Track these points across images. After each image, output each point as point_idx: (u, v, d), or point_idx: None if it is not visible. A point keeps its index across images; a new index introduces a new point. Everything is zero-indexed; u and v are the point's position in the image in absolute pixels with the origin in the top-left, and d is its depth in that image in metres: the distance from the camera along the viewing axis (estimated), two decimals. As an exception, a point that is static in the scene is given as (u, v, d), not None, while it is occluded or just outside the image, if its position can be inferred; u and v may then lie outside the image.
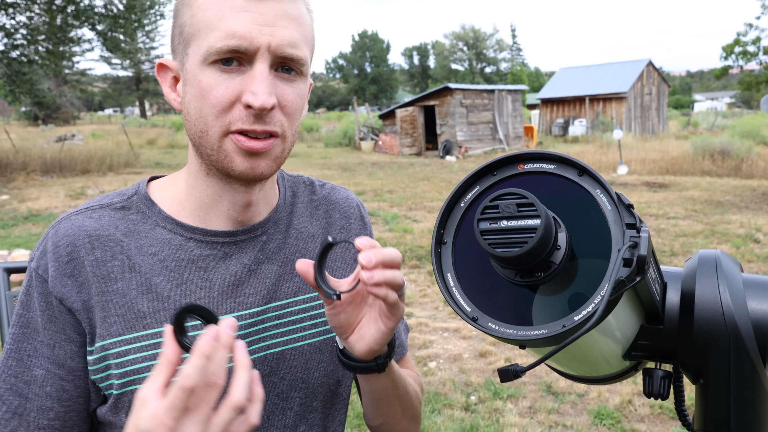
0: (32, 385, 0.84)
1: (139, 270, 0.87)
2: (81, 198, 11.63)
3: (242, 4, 0.79)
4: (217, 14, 0.79)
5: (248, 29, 0.78)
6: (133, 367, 0.84)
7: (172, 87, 0.89)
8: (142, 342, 0.85)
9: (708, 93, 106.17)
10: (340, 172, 16.30)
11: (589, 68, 34.41)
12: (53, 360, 0.85)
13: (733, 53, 26.22)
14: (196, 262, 0.89)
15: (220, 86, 0.80)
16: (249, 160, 0.83)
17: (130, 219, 0.90)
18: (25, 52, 17.54)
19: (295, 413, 0.94)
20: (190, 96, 0.83)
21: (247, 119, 0.80)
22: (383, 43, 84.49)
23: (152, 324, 0.86)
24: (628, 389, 3.81)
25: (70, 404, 0.85)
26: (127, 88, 63.65)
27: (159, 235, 0.89)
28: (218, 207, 0.91)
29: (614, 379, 0.76)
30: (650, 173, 15.10)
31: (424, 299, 5.72)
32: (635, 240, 0.54)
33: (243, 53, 0.79)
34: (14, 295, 1.30)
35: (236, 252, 0.92)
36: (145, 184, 0.95)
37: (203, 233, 0.91)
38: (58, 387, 0.85)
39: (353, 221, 1.06)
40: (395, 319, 0.79)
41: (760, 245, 7.40)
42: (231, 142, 0.82)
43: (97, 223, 0.88)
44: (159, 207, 0.91)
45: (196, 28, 0.81)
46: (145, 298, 0.86)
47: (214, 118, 0.81)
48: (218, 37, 0.79)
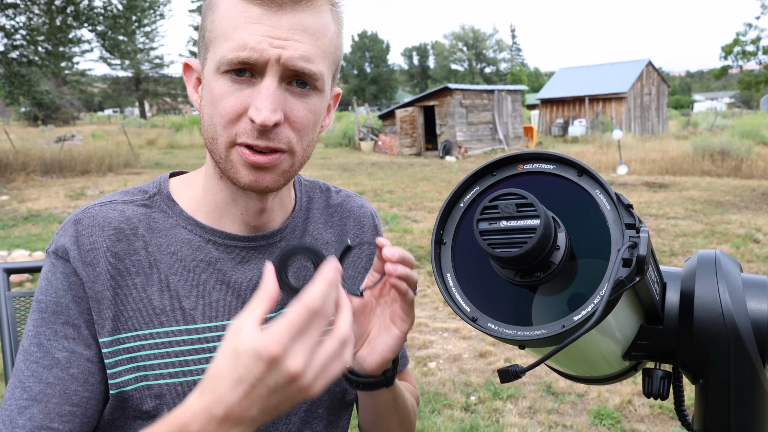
0: (54, 368, 0.81)
1: (159, 267, 0.87)
2: (81, 198, 11.63)
3: (257, 16, 0.77)
4: (232, 23, 0.78)
5: (259, 41, 0.77)
6: (145, 363, 0.84)
7: (195, 87, 0.89)
8: (156, 339, 0.84)
9: (708, 93, 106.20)
10: (339, 172, 16.29)
11: (589, 68, 34.42)
12: (80, 340, 0.82)
13: (732, 53, 26.25)
14: (213, 264, 0.90)
15: (230, 97, 0.79)
16: (254, 174, 0.82)
17: (152, 217, 0.90)
18: (25, 52, 17.54)
19: (300, 419, 0.94)
20: (204, 101, 0.84)
21: (252, 133, 0.79)
22: (383, 43, 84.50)
23: (168, 322, 0.85)
24: (628, 389, 3.81)
25: (94, 390, 0.83)
26: (127, 89, 63.65)
27: (179, 235, 0.90)
28: (232, 211, 0.91)
29: (614, 379, 0.76)
30: (650, 173, 15.10)
31: (423, 299, 5.72)
32: (634, 240, 0.54)
33: (253, 65, 0.78)
34: (14, 296, 1.30)
35: (254, 257, 0.92)
36: (167, 182, 0.95)
37: (222, 236, 0.91)
38: (84, 369, 0.82)
39: (367, 230, 1.06)
40: (410, 321, 0.80)
41: (759, 245, 7.40)
42: (237, 153, 0.81)
43: (122, 216, 0.88)
44: (180, 207, 0.92)
45: (214, 34, 0.81)
46: (163, 295, 0.86)
47: (222, 127, 0.81)
48: (230, 48, 0.78)
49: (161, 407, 0.84)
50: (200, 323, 0.87)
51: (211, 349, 0.86)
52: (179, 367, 0.85)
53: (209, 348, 0.86)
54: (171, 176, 0.97)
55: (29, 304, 1.31)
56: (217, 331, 0.87)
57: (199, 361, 0.86)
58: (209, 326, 0.87)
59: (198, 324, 0.87)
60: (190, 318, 0.87)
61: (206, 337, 0.87)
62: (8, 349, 1.25)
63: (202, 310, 0.87)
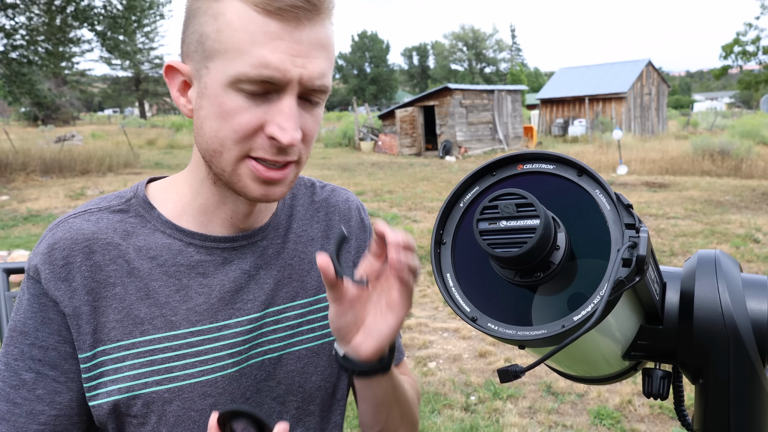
0: (20, 389, 0.83)
1: (137, 275, 0.86)
2: (81, 198, 11.63)
3: (277, 31, 0.75)
4: (248, 38, 0.74)
5: (282, 60, 0.75)
6: (130, 374, 0.83)
7: (181, 91, 0.84)
8: (140, 348, 0.84)
9: (707, 93, 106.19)
10: (339, 172, 16.30)
11: (589, 68, 34.42)
12: (46, 362, 0.83)
13: (732, 53, 26.25)
14: (195, 267, 0.88)
15: (245, 113, 0.77)
16: (264, 188, 0.81)
17: (128, 222, 0.88)
18: (25, 52, 17.53)
19: (292, 417, 0.94)
20: (206, 112, 0.80)
21: (270, 150, 0.78)
22: (383, 43, 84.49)
23: (150, 330, 0.84)
24: (628, 389, 3.81)
25: (62, 408, 0.84)
26: (127, 89, 63.67)
27: (158, 239, 0.88)
28: (221, 214, 0.90)
29: (614, 379, 0.76)
30: (650, 173, 15.11)
31: (423, 299, 5.72)
32: (634, 240, 0.54)
33: (275, 84, 0.76)
34: (14, 296, 1.30)
35: (236, 258, 0.91)
36: (144, 186, 0.93)
37: (203, 239, 0.89)
38: (50, 389, 0.83)
39: (353, 224, 1.05)
40: (407, 307, 0.78)
41: (759, 245, 7.40)
42: (247, 168, 0.80)
43: (95, 226, 0.86)
44: (158, 211, 0.90)
45: (222, 45, 0.76)
46: (143, 303, 0.85)
47: (233, 142, 0.79)
48: (251, 65, 0.75)
49: (149, 414, 0.84)
50: (183, 329, 0.86)
51: (195, 354, 0.86)
52: (165, 374, 0.84)
53: (193, 353, 0.86)
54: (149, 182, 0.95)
55: (29, 304, 1.31)
56: (201, 335, 0.86)
57: (184, 367, 0.85)
58: (192, 331, 0.86)
59: (180, 329, 0.86)
60: (172, 324, 0.85)
61: (190, 342, 0.86)
62: (8, 349, 1.25)
63: (185, 315, 0.86)
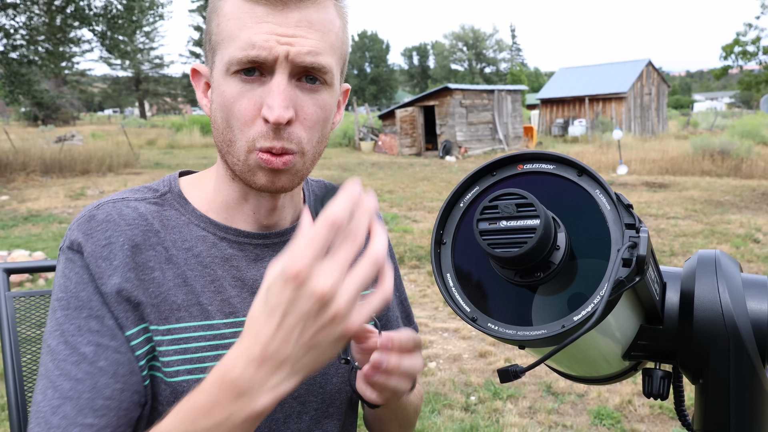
0: (82, 364, 0.79)
1: (175, 262, 0.87)
2: (81, 198, 11.63)
3: (262, 15, 0.78)
4: (238, 24, 0.79)
5: (266, 39, 0.77)
6: (162, 360, 0.83)
7: (204, 92, 0.90)
8: (174, 335, 0.84)
9: (708, 93, 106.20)
10: (339, 172, 16.29)
11: (589, 68, 34.42)
12: (104, 332, 0.81)
13: (732, 53, 26.26)
14: (228, 260, 0.90)
15: (243, 99, 0.80)
16: (269, 176, 0.83)
17: (164, 215, 0.90)
18: (25, 52, 17.53)
19: (311, 417, 0.94)
20: (216, 104, 0.84)
21: (268, 134, 0.80)
22: (383, 43, 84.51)
23: (185, 318, 0.85)
24: (628, 389, 3.81)
25: (125, 381, 0.80)
26: (127, 89, 63.69)
27: (193, 232, 0.90)
28: (243, 210, 0.91)
29: (614, 379, 0.76)
30: (650, 173, 15.10)
31: (423, 299, 5.72)
32: (634, 240, 0.54)
33: (262, 63, 0.78)
34: (14, 296, 1.29)
35: (267, 255, 0.92)
36: (177, 180, 0.95)
37: (236, 233, 0.91)
38: (113, 360, 0.80)
39: None
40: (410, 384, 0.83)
41: (759, 245, 7.40)
42: (255, 158, 0.82)
43: (136, 212, 0.88)
44: (192, 206, 0.92)
45: (220, 37, 0.81)
46: (180, 290, 0.86)
47: (239, 131, 0.81)
48: (238, 47, 0.78)
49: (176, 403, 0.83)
50: (217, 319, 0.87)
51: (227, 346, 0.85)
52: (196, 364, 0.84)
53: (226, 345, 0.86)
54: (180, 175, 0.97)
55: (29, 304, 1.31)
56: (234, 327, 0.87)
57: (216, 358, 0.85)
58: (226, 322, 0.87)
59: (215, 320, 0.87)
60: (207, 314, 0.86)
61: (223, 333, 0.87)
62: (8, 349, 1.25)
63: (219, 306, 0.87)
